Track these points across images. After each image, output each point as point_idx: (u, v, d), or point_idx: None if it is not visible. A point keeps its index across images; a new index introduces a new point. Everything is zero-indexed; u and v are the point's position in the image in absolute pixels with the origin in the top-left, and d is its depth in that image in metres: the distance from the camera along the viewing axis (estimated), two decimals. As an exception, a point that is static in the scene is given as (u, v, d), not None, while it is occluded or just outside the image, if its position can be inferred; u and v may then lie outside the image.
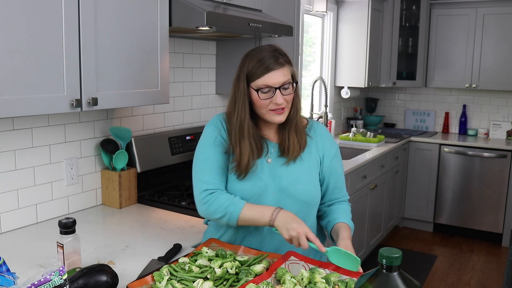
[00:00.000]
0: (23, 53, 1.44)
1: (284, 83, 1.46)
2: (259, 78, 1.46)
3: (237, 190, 1.53)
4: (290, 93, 1.49)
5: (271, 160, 1.55)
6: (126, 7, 1.76)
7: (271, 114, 1.49)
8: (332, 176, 1.62)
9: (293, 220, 1.40)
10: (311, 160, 1.58)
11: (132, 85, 1.83)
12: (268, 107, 1.48)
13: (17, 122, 1.84)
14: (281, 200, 1.53)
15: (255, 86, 1.47)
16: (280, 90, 1.46)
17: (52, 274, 1.07)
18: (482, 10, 4.48)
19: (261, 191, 1.53)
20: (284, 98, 1.47)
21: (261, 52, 1.49)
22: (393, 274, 0.89)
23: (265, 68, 1.45)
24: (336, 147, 1.65)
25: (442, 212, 4.60)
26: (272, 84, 1.45)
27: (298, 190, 1.54)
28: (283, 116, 1.50)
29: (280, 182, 1.54)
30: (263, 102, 1.47)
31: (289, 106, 1.52)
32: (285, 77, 1.46)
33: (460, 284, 3.62)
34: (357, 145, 4.05)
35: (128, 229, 1.90)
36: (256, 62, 1.46)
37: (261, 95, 1.46)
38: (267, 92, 1.46)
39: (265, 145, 1.56)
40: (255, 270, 1.35)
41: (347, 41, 4.40)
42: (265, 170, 1.54)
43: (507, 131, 4.67)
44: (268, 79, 1.45)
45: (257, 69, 1.46)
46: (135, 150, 2.26)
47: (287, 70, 1.48)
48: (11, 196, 1.85)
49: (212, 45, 2.82)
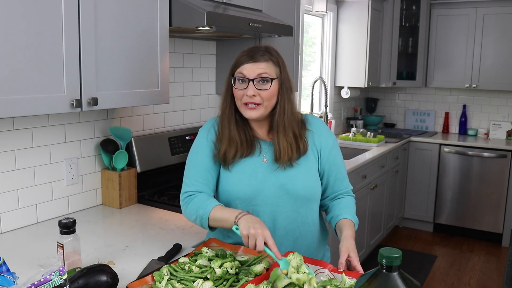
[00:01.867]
0: (23, 53, 1.44)
1: (260, 76, 1.46)
2: (239, 67, 1.48)
3: (233, 191, 1.53)
4: (266, 89, 1.47)
5: (267, 160, 1.54)
6: (126, 7, 1.76)
7: (243, 108, 1.50)
8: (332, 169, 1.60)
9: (258, 222, 1.35)
10: (309, 154, 1.56)
11: (132, 85, 1.83)
12: (242, 99, 1.48)
13: (17, 122, 1.84)
14: (280, 197, 1.53)
15: (234, 75, 1.49)
16: (253, 82, 1.46)
17: (52, 274, 1.08)
18: (482, 10, 4.48)
19: (258, 189, 1.52)
20: (258, 92, 1.46)
21: (253, 46, 1.52)
22: (393, 274, 0.89)
23: (246, 58, 1.47)
24: (333, 139, 1.62)
25: (442, 212, 4.60)
26: (247, 74, 1.46)
27: (297, 186, 1.53)
28: (255, 112, 1.48)
29: (277, 179, 1.53)
30: (238, 93, 1.49)
31: (267, 106, 1.49)
32: (261, 70, 1.46)
33: (460, 284, 3.62)
34: (357, 145, 4.05)
35: (128, 229, 1.90)
36: (243, 53, 1.50)
37: (236, 84, 1.49)
38: (242, 83, 1.47)
39: (257, 144, 1.55)
40: (255, 270, 1.35)
41: (347, 41, 4.40)
42: (260, 169, 1.53)
43: (507, 131, 4.67)
44: (245, 69, 1.47)
45: (240, 58, 1.49)
46: (135, 150, 2.26)
47: (269, 66, 1.48)
48: (11, 196, 1.85)
49: (212, 45, 2.82)
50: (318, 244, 1.64)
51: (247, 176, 1.53)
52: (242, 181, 1.53)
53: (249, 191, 1.52)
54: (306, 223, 1.58)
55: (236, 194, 1.53)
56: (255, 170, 1.53)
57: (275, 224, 1.55)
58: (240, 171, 1.53)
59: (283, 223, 1.55)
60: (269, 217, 1.54)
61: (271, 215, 1.54)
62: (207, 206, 1.45)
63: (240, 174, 1.53)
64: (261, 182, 1.53)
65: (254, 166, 1.53)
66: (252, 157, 1.54)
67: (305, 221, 1.58)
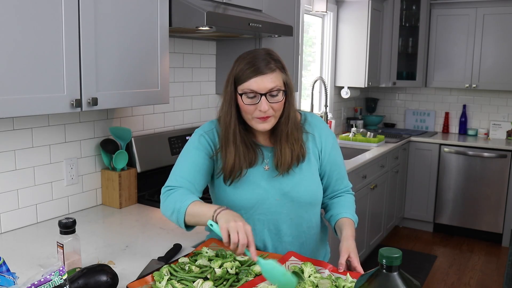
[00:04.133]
0: (23, 53, 1.44)
1: (272, 90, 1.38)
2: (245, 81, 1.38)
3: (236, 200, 1.49)
4: (278, 101, 1.40)
5: (268, 167, 1.51)
6: (126, 7, 1.76)
7: (255, 121, 1.42)
8: (333, 169, 1.58)
9: (239, 217, 1.28)
10: (310, 157, 1.53)
11: (132, 85, 1.83)
12: (253, 113, 1.40)
13: (17, 122, 1.84)
14: (283, 204, 1.51)
15: (240, 90, 1.40)
16: (266, 96, 1.38)
17: (52, 274, 1.07)
18: (482, 10, 4.48)
19: (262, 198, 1.50)
20: (271, 105, 1.39)
21: (252, 54, 1.42)
22: (393, 274, 0.89)
23: (252, 72, 1.37)
24: (333, 138, 1.59)
25: (442, 212, 4.60)
26: (258, 90, 1.37)
27: (300, 193, 1.50)
28: (267, 124, 1.42)
29: (281, 187, 1.50)
30: (247, 108, 1.40)
31: (277, 115, 1.44)
32: (273, 83, 1.38)
33: (460, 284, 3.62)
34: (357, 145, 4.05)
35: (128, 229, 1.90)
36: (244, 65, 1.39)
37: (245, 100, 1.39)
38: (253, 98, 1.38)
39: (259, 152, 1.50)
40: (255, 270, 1.35)
41: (347, 41, 4.39)
42: (263, 177, 1.50)
43: (507, 131, 4.67)
44: (253, 83, 1.37)
45: (244, 72, 1.38)
46: (135, 150, 2.26)
47: (277, 76, 1.39)
48: (11, 196, 1.85)
49: (212, 45, 2.82)
50: (320, 243, 1.64)
51: (251, 186, 1.49)
52: (246, 191, 1.49)
53: (254, 200, 1.49)
54: (311, 227, 1.58)
55: (240, 204, 1.49)
56: (259, 179, 1.50)
57: (280, 231, 1.53)
58: (243, 181, 1.49)
59: (288, 230, 1.53)
60: (274, 225, 1.53)
61: (276, 222, 1.52)
62: (186, 200, 1.37)
63: (243, 184, 1.49)
64: (265, 191, 1.50)
65: (257, 175, 1.50)
66: (256, 166, 1.50)
67: (310, 225, 1.57)
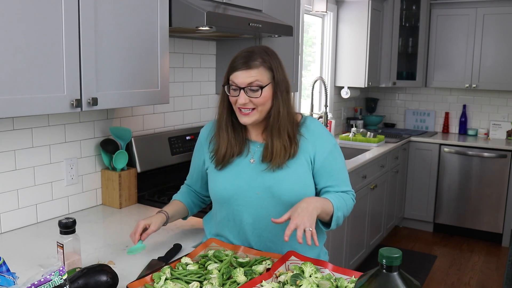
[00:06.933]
0: (23, 53, 1.44)
1: (251, 84, 1.44)
2: (231, 74, 1.47)
3: (217, 190, 1.55)
4: (257, 96, 1.44)
5: (254, 161, 1.53)
6: (126, 7, 1.76)
7: (239, 114, 1.49)
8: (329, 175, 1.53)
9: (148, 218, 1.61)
10: (299, 158, 1.51)
11: (132, 85, 1.83)
12: (236, 105, 1.48)
13: (17, 122, 1.84)
14: (264, 199, 1.50)
15: (230, 81, 1.48)
16: (245, 90, 1.44)
17: (52, 274, 1.07)
18: (482, 10, 4.48)
19: (242, 190, 1.51)
20: (250, 99, 1.45)
21: (248, 49, 1.49)
22: (393, 274, 0.89)
23: (238, 65, 1.45)
24: (331, 144, 1.55)
25: (442, 212, 4.60)
26: (238, 83, 1.45)
27: (282, 190, 1.48)
28: (248, 118, 1.47)
29: (264, 180, 1.49)
30: (232, 100, 1.49)
31: (261, 109, 1.47)
32: (252, 78, 1.43)
33: (460, 284, 3.62)
34: (357, 145, 4.05)
35: (128, 229, 1.90)
36: (236, 58, 1.48)
37: (230, 92, 1.48)
38: (234, 91, 1.47)
39: (246, 145, 1.55)
40: (257, 270, 1.35)
41: (347, 41, 4.39)
42: (247, 169, 1.52)
43: (507, 131, 4.67)
44: (235, 77, 1.45)
45: (232, 64, 1.47)
46: (135, 150, 2.26)
47: (260, 72, 1.44)
48: (11, 196, 1.85)
49: (212, 45, 2.82)
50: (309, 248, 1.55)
51: (231, 176, 1.53)
52: (226, 180, 1.53)
53: (233, 190, 1.52)
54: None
55: (220, 194, 1.54)
56: (241, 170, 1.52)
57: (258, 227, 1.52)
58: (226, 170, 1.54)
59: (267, 227, 1.51)
60: (253, 219, 1.52)
61: (255, 217, 1.52)
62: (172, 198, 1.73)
63: (225, 173, 1.54)
64: (246, 182, 1.51)
65: (240, 166, 1.53)
66: (240, 158, 1.54)
67: None
